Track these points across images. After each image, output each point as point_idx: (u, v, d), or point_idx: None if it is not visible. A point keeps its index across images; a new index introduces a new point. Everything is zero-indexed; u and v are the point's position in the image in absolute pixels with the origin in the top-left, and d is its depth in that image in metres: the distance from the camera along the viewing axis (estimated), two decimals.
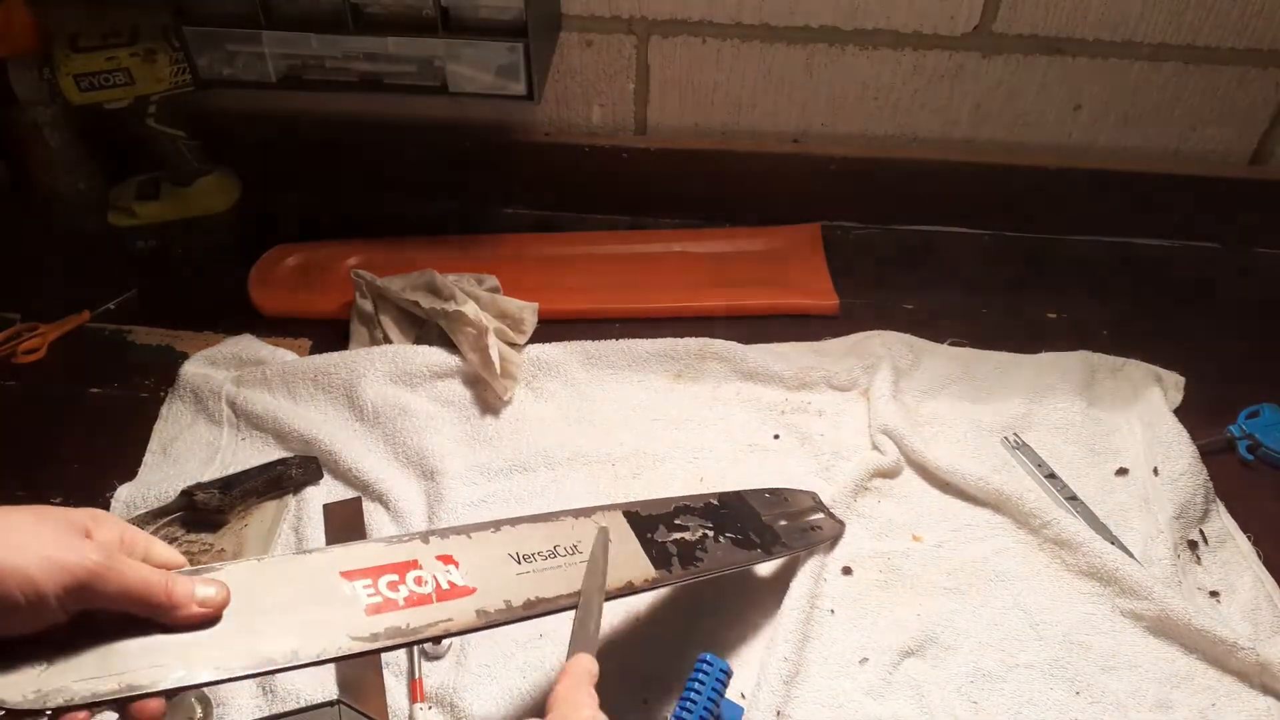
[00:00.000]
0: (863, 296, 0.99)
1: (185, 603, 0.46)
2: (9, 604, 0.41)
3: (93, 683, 0.43)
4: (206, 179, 1.07)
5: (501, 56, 0.88)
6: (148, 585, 0.45)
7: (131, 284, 0.99)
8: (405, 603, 0.51)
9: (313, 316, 0.96)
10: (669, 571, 0.62)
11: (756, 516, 0.73)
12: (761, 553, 0.69)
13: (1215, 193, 1.04)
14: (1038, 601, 0.73)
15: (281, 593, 0.49)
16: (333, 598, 0.50)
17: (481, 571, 0.55)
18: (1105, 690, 0.68)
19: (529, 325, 0.92)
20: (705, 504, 0.71)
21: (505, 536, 0.58)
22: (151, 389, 0.89)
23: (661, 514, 0.67)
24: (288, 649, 0.47)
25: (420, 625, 0.51)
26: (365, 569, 0.52)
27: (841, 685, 0.68)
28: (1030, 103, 1.01)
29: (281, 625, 0.48)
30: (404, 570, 0.53)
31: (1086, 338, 0.94)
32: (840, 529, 0.78)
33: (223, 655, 0.46)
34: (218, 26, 0.88)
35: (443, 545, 0.55)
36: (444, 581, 0.53)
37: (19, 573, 0.41)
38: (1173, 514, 0.77)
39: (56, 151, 1.03)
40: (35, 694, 0.42)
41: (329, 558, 0.52)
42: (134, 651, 0.45)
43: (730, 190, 1.07)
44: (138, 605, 0.45)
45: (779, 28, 0.97)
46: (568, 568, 0.58)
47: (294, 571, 0.51)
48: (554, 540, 0.59)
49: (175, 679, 0.45)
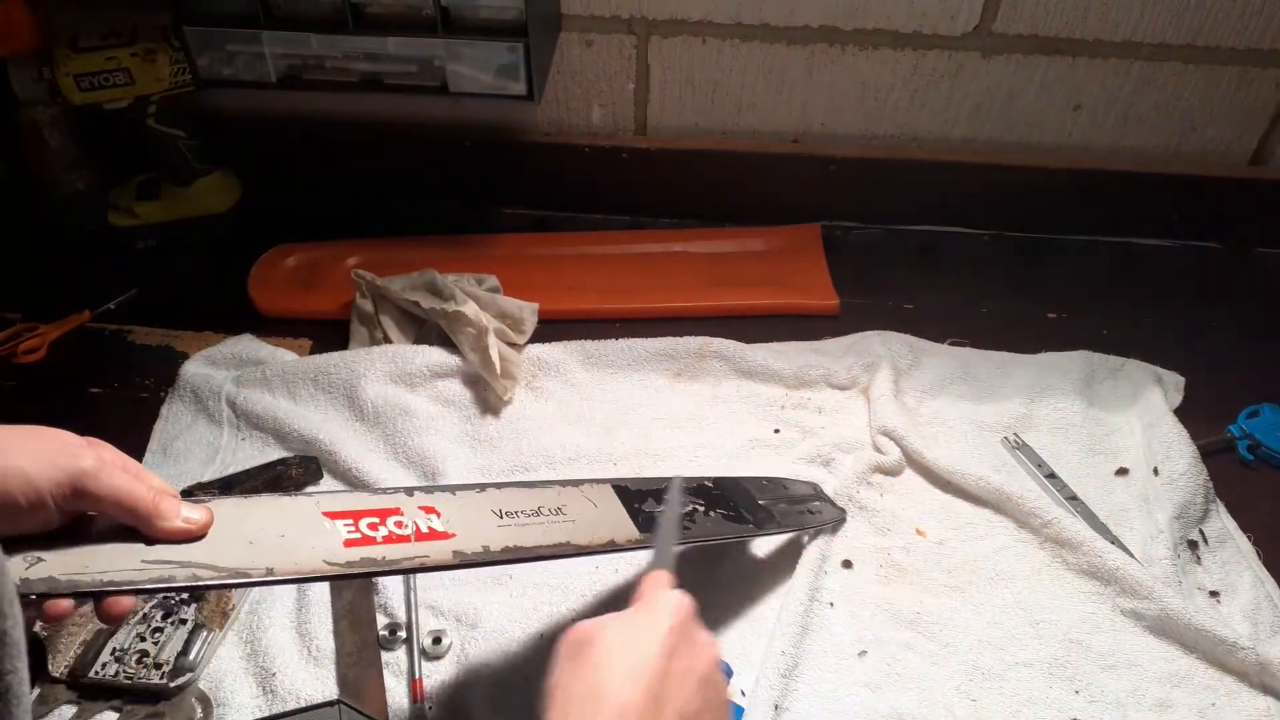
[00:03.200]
0: (863, 296, 0.99)
1: (170, 515, 0.48)
2: (8, 502, 0.45)
3: (75, 577, 0.45)
4: (207, 179, 1.07)
5: (501, 56, 0.88)
6: (135, 493, 0.48)
7: (132, 284, 0.99)
8: (384, 540, 0.52)
9: (313, 316, 0.96)
10: (653, 535, 0.62)
11: (751, 497, 0.73)
12: (753, 527, 0.69)
13: (1215, 193, 1.04)
14: (1038, 600, 0.73)
15: (264, 525, 0.51)
16: (313, 531, 0.52)
17: (462, 522, 0.56)
18: (1105, 689, 0.68)
19: (529, 325, 0.92)
20: (699, 484, 0.71)
21: (490, 496, 0.59)
22: (151, 389, 0.89)
23: (651, 489, 0.67)
24: (263, 566, 0.49)
25: (395, 559, 0.52)
26: (347, 510, 0.53)
27: (840, 678, 0.68)
28: (1030, 103, 1.01)
29: (260, 548, 0.50)
30: (385, 515, 0.54)
31: (1087, 338, 0.94)
32: (841, 516, 0.78)
33: (199, 566, 0.48)
34: (218, 26, 0.88)
35: (426, 499, 0.56)
36: (424, 526, 0.54)
37: (18, 473, 0.45)
38: (1173, 514, 0.77)
39: (56, 151, 1.03)
40: (21, 582, 0.44)
41: (313, 499, 0.54)
42: (118, 554, 0.47)
43: (730, 190, 1.07)
44: (126, 511, 0.47)
45: (779, 28, 0.97)
46: (549, 525, 0.59)
47: (278, 509, 0.53)
48: (538, 502, 0.60)
49: (150, 580, 0.47)
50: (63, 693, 0.67)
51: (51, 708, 0.66)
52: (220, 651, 0.70)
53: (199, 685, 0.68)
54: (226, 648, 0.70)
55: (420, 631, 0.71)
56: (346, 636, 0.70)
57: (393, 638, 0.70)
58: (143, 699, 0.67)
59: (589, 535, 0.60)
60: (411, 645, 0.70)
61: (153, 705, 0.66)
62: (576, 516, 0.60)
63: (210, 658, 0.69)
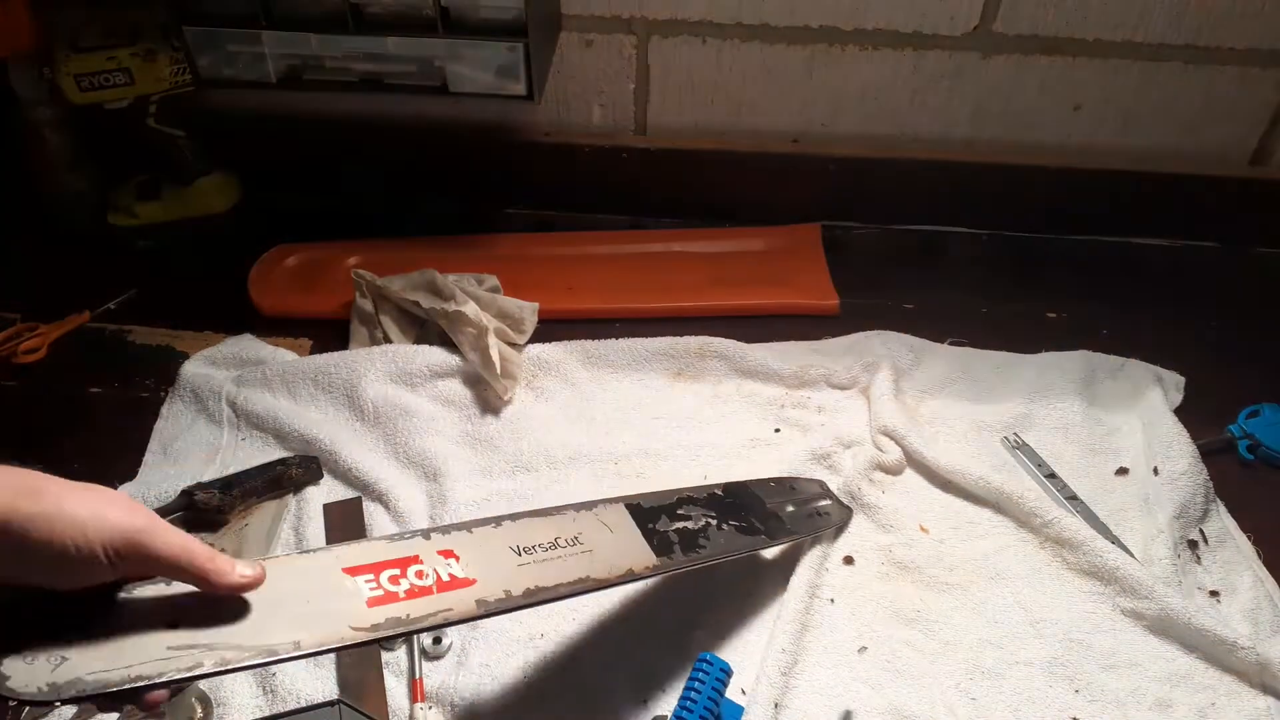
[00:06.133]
0: (863, 296, 0.99)
1: (228, 570, 0.48)
2: (60, 552, 0.43)
3: (102, 675, 0.44)
4: (207, 179, 1.07)
5: (501, 56, 0.88)
6: (191, 549, 0.47)
7: (132, 284, 0.99)
8: (406, 595, 0.52)
9: (313, 316, 0.96)
10: (670, 559, 0.63)
11: (761, 504, 0.73)
12: (765, 538, 0.70)
13: (1215, 193, 1.04)
14: (1038, 599, 0.73)
15: (284, 589, 0.50)
16: (335, 592, 0.51)
17: (482, 564, 0.56)
18: (1105, 688, 0.68)
19: (529, 325, 0.92)
20: (709, 494, 0.71)
21: (506, 531, 0.59)
22: (152, 389, 0.89)
23: (664, 505, 0.68)
24: (290, 640, 0.48)
25: (420, 615, 0.52)
26: (367, 565, 0.53)
27: (839, 674, 0.68)
28: (1030, 103, 1.01)
29: (284, 618, 0.49)
30: (405, 565, 0.54)
31: (1086, 338, 0.94)
32: (848, 515, 0.78)
33: (226, 647, 0.47)
34: (218, 26, 0.88)
35: (444, 541, 0.56)
36: (444, 574, 0.54)
37: (74, 522, 0.43)
38: (1173, 513, 0.77)
39: (56, 151, 1.03)
40: (49, 687, 0.43)
41: (332, 555, 0.53)
42: (144, 644, 0.46)
43: (730, 190, 1.07)
44: (183, 568, 0.47)
45: (779, 28, 0.97)
46: (568, 558, 0.59)
47: (297, 569, 0.52)
48: (555, 532, 0.60)
49: (179, 669, 0.45)
50: None
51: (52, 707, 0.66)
52: None
53: (199, 685, 0.67)
54: None
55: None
56: None
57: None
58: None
59: (607, 568, 0.60)
60: (412, 645, 0.70)
61: None
62: (594, 546, 0.61)
63: None
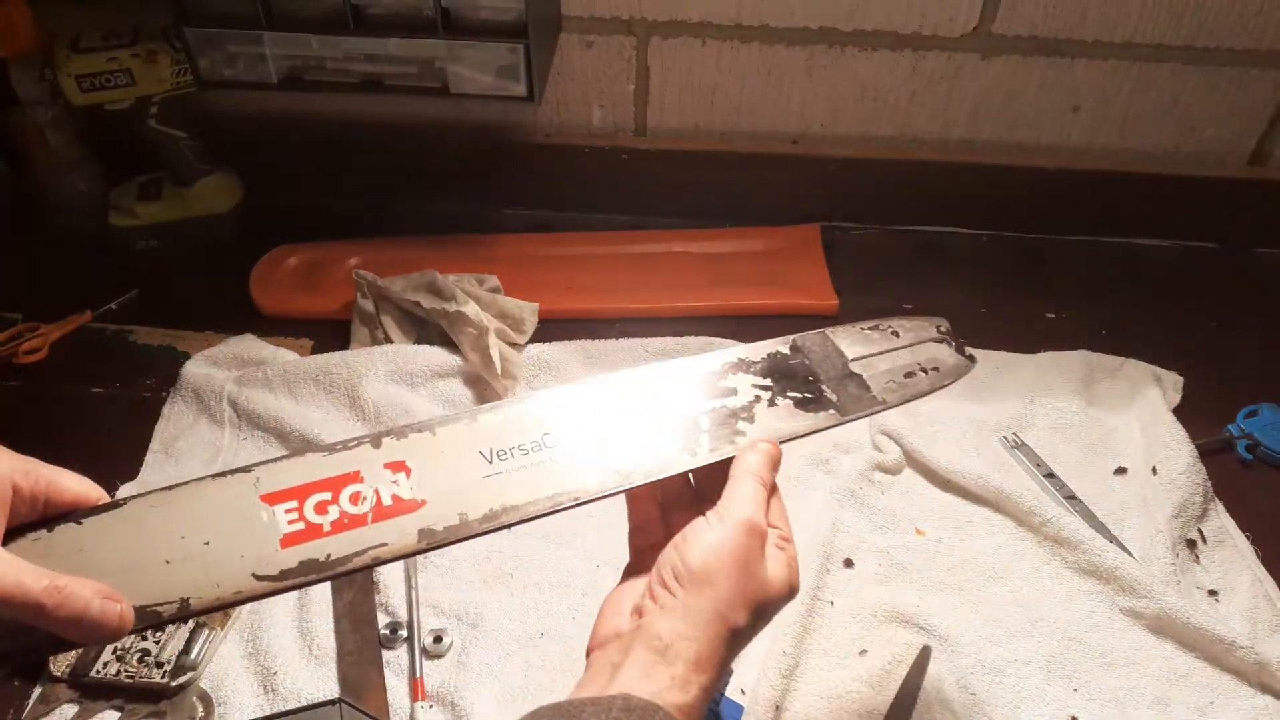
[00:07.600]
0: (862, 296, 0.99)
1: (75, 614, 0.38)
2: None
3: None
4: (208, 180, 1.07)
5: (502, 57, 0.88)
6: (22, 588, 0.38)
7: (133, 284, 0.99)
8: (332, 528, 0.44)
9: (314, 316, 0.96)
10: (692, 455, 0.50)
11: (840, 361, 0.57)
12: (835, 413, 0.54)
13: (1215, 193, 1.04)
14: (1037, 599, 0.74)
15: (186, 529, 0.43)
16: (247, 529, 0.44)
17: (438, 478, 0.47)
18: (1103, 687, 0.68)
19: (529, 325, 0.92)
20: (768, 353, 0.56)
21: (482, 427, 0.49)
22: (153, 389, 0.90)
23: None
24: (176, 598, 0.42)
25: (342, 556, 0.44)
26: (291, 489, 0.45)
27: (840, 676, 0.68)
28: (1029, 103, 1.01)
29: (177, 568, 0.42)
30: (339, 486, 0.45)
31: (1086, 338, 0.94)
32: (966, 368, 0.61)
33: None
34: (219, 27, 0.88)
35: (396, 448, 0.47)
36: (386, 496, 0.45)
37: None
38: (1171, 513, 0.77)
39: (58, 152, 1.03)
40: None
41: (252, 476, 0.45)
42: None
43: (730, 190, 1.07)
44: (13, 603, 0.38)
45: (779, 29, 0.97)
46: (549, 463, 0.48)
47: (206, 499, 0.44)
48: (545, 426, 0.50)
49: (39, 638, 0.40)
50: (64, 692, 0.67)
51: (53, 707, 0.66)
52: (221, 650, 0.70)
53: (200, 684, 0.68)
54: (228, 646, 0.70)
55: (421, 630, 0.71)
56: (347, 635, 0.70)
57: (394, 636, 0.70)
58: (144, 698, 0.67)
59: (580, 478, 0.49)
60: (412, 644, 0.70)
61: (154, 704, 0.67)
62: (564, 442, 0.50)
63: (211, 656, 0.69)
